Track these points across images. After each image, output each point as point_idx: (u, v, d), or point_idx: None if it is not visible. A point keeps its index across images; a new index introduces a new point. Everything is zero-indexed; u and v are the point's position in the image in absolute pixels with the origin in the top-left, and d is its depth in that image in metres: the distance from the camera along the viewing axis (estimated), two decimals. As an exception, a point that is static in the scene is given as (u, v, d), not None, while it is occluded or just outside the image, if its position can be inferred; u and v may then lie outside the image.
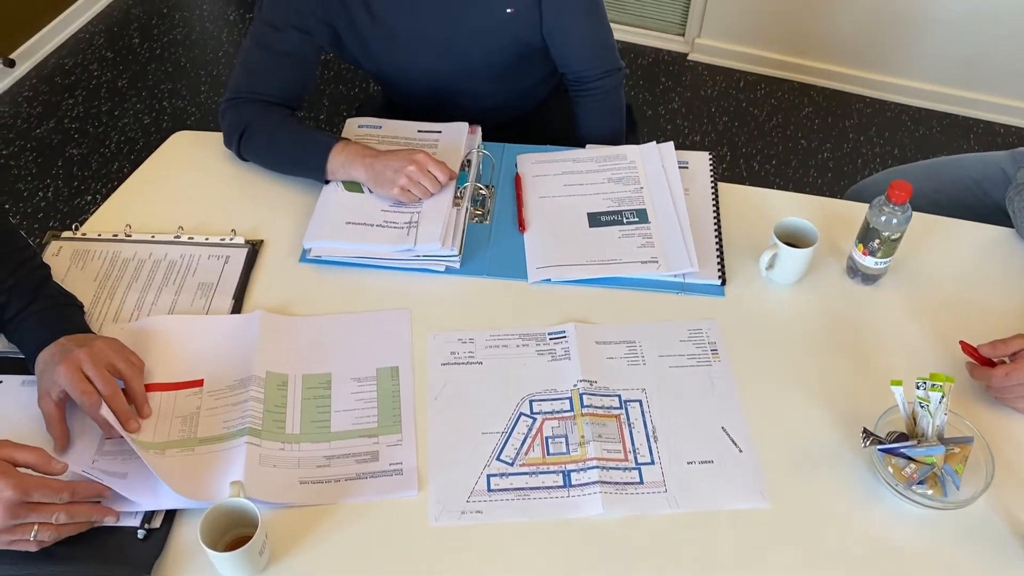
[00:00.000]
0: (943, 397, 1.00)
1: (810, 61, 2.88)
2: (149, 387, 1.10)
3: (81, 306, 1.15)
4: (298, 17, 1.37)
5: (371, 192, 1.33)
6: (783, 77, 2.93)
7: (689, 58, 3.00)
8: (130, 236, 1.29)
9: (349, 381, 1.13)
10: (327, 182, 1.35)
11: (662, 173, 1.38)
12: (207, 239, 1.30)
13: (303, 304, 1.23)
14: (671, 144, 1.42)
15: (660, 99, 2.84)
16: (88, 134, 2.66)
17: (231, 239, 1.30)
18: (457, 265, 1.27)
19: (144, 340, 1.15)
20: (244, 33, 3.06)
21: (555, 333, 1.19)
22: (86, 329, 1.12)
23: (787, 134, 2.75)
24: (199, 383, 1.11)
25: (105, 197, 2.44)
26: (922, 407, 1.01)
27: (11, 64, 2.75)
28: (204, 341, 1.16)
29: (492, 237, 1.32)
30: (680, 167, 1.39)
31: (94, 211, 2.42)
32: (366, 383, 1.13)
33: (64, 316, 1.11)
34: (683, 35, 3.01)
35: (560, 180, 1.39)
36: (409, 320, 1.20)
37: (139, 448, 0.97)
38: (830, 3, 2.72)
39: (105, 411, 1.00)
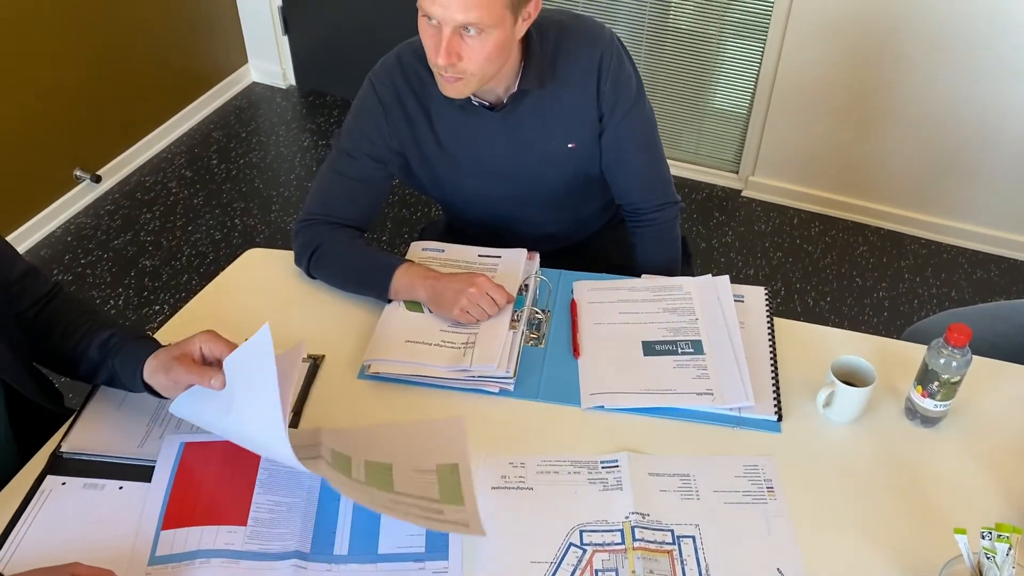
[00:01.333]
0: (1010, 549, 0.97)
1: (864, 201, 2.92)
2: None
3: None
4: (372, 147, 1.45)
5: (431, 312, 1.37)
6: (837, 216, 2.96)
7: (743, 194, 3.06)
8: (198, 346, 1.34)
9: (411, 471, 1.14)
10: (389, 301, 1.40)
11: (718, 306, 1.39)
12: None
13: (360, 419, 1.25)
14: (726, 278, 1.44)
15: (714, 233, 2.88)
16: (162, 247, 2.79)
17: (294, 353, 1.33)
18: (511, 387, 1.28)
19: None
20: (316, 159, 3.22)
21: (608, 462, 1.18)
22: None
23: (841, 272, 2.75)
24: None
25: (173, 308, 2.55)
26: (988, 559, 0.97)
27: (98, 180, 2.92)
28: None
29: (547, 361, 1.34)
30: (735, 300, 1.41)
31: (160, 320, 2.53)
32: (427, 474, 1.14)
33: (152, 341, 1.19)
34: (737, 172, 3.08)
35: (615, 308, 1.41)
36: (464, 426, 1.22)
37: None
38: (884, 146, 2.78)
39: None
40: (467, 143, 1.47)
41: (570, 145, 1.47)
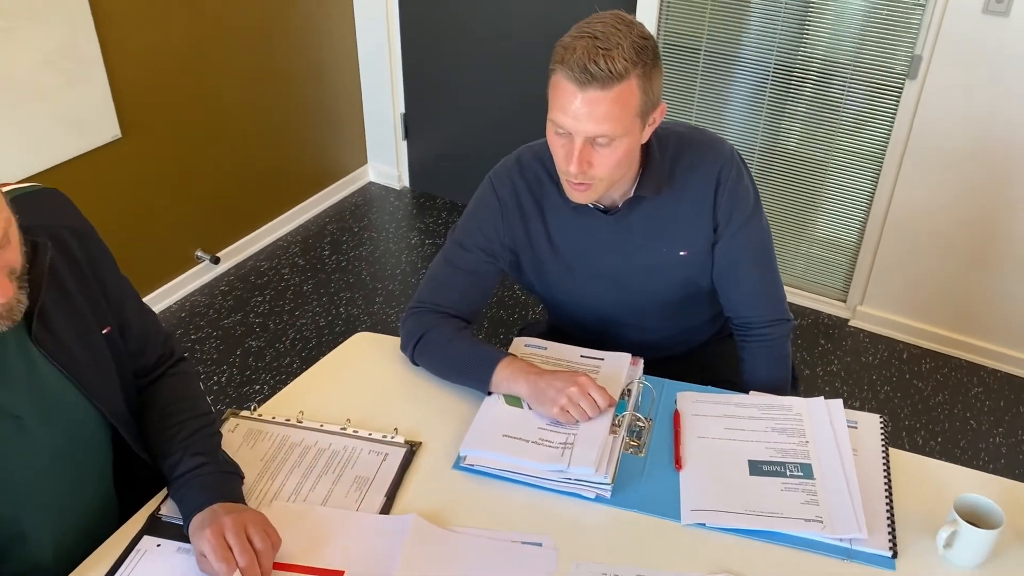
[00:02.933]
0: None
1: (981, 341, 2.79)
2: (288, 567, 1.10)
3: (242, 477, 1.21)
4: (485, 241, 1.48)
5: (530, 408, 1.35)
6: (950, 354, 2.84)
7: (850, 324, 2.97)
8: (301, 422, 1.36)
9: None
10: (489, 393, 1.39)
11: (830, 430, 1.33)
12: (370, 434, 1.34)
13: (451, 511, 1.22)
14: (839, 402, 1.38)
15: (819, 360, 2.79)
16: (268, 329, 2.89)
17: (392, 437, 1.34)
18: (608, 494, 1.24)
19: (295, 521, 1.18)
20: (422, 256, 3.31)
21: (706, 582, 1.12)
22: (241, 499, 1.17)
23: (954, 412, 2.61)
24: (340, 573, 1.10)
25: (272, 388, 2.61)
26: None
27: (216, 261, 3.08)
28: (353, 534, 1.16)
29: (646, 470, 1.29)
30: (849, 426, 1.35)
31: (259, 399, 2.59)
32: (503, 606, 1.09)
33: (224, 482, 1.17)
34: (845, 301, 3.01)
35: (721, 423, 1.37)
36: (555, 555, 1.16)
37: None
38: (1002, 285, 2.67)
39: None
40: (579, 244, 1.48)
41: (682, 253, 1.47)
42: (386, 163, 3.77)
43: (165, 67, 2.73)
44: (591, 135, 1.27)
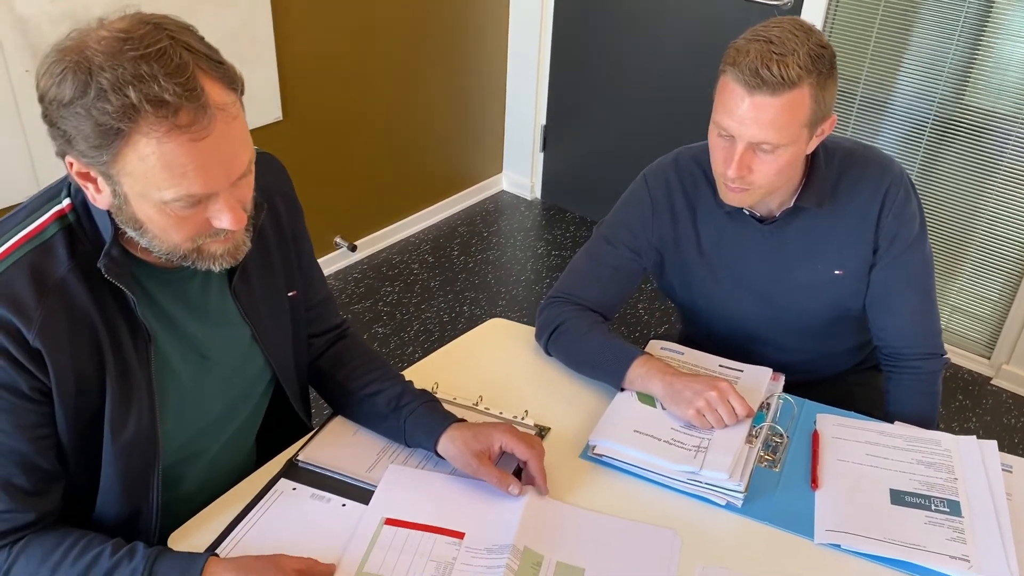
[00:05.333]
0: None
1: None
2: (412, 525, 1.13)
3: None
4: (633, 238, 1.48)
5: (664, 409, 1.33)
6: (1105, 427, 2.63)
7: (992, 382, 2.80)
8: (435, 392, 1.38)
9: (603, 586, 1.08)
10: (622, 390, 1.38)
11: (981, 470, 1.26)
12: (500, 413, 1.35)
13: (574, 498, 1.22)
14: (994, 443, 1.30)
15: (955, 416, 2.64)
16: (395, 318, 2.96)
17: (522, 418, 1.34)
18: (739, 503, 1.21)
19: (418, 484, 1.20)
20: (547, 266, 3.33)
21: (837, 604, 1.07)
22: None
23: (1106, 489, 2.40)
24: (460, 535, 1.12)
25: (395, 372, 2.66)
26: None
27: (353, 249, 3.18)
28: (474, 497, 1.18)
29: (780, 486, 1.25)
30: (1003, 470, 1.26)
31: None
32: (620, 594, 1.07)
33: (445, 411, 1.26)
34: (989, 358, 2.83)
35: (862, 449, 1.31)
36: (677, 547, 1.14)
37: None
38: None
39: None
40: (728, 251, 1.46)
41: (836, 272, 1.42)
42: (521, 173, 3.82)
43: (328, 57, 2.86)
44: (755, 141, 1.25)
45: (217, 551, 1.08)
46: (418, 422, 1.23)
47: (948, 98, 2.61)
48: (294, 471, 1.23)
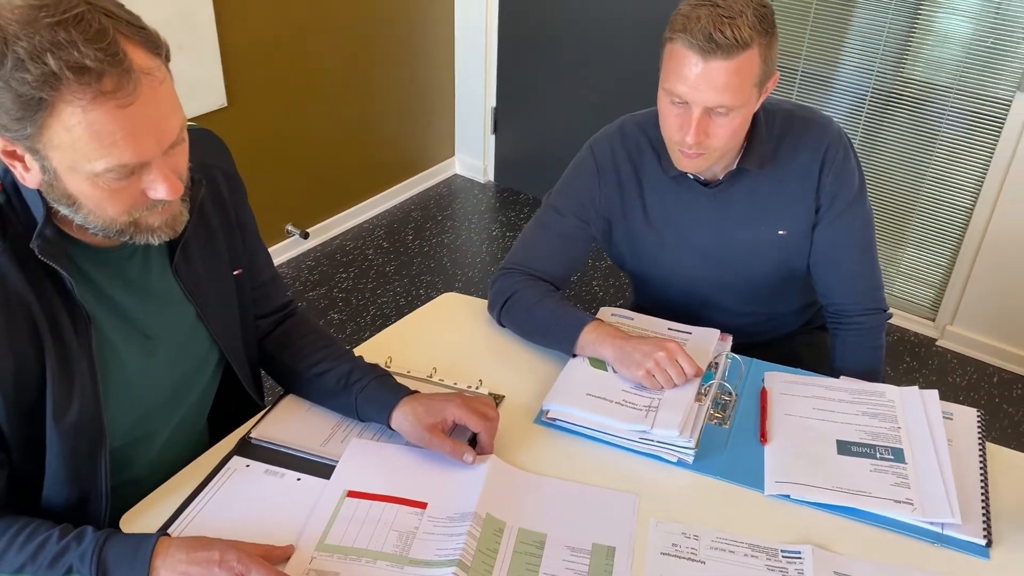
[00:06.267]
0: None
1: (1079, 371, 2.66)
2: (374, 496, 1.13)
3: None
4: (580, 207, 1.49)
5: (615, 372, 1.35)
6: (1045, 382, 2.72)
7: (938, 343, 2.88)
8: (389, 367, 1.38)
9: (563, 548, 1.09)
10: (574, 356, 1.39)
11: (924, 418, 1.29)
12: (455, 383, 1.36)
13: (531, 463, 1.23)
14: (935, 392, 1.34)
15: (903, 377, 2.71)
16: (351, 304, 2.94)
17: (476, 387, 1.35)
18: (690, 459, 1.23)
19: (378, 456, 1.20)
20: (502, 247, 3.34)
21: (790, 552, 1.10)
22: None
23: (1047, 441, 2.49)
24: (422, 505, 1.12)
25: (351, 357, 2.65)
26: None
27: (306, 236, 3.16)
28: (436, 468, 1.18)
29: (730, 442, 1.28)
30: (944, 417, 1.30)
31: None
32: (580, 554, 1.09)
33: (396, 384, 1.26)
34: (933, 320, 2.91)
35: (809, 403, 1.34)
36: (636, 508, 1.16)
37: (354, 553, 0.98)
38: (1109, 313, 2.55)
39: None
40: (674, 216, 1.48)
41: (780, 232, 1.45)
42: (473, 156, 3.82)
43: (274, 43, 2.82)
44: (711, 105, 1.26)
45: (169, 531, 1.07)
46: (370, 397, 1.23)
47: (887, 71, 2.67)
48: (247, 448, 1.22)
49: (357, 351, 1.41)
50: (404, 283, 3.08)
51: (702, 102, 1.26)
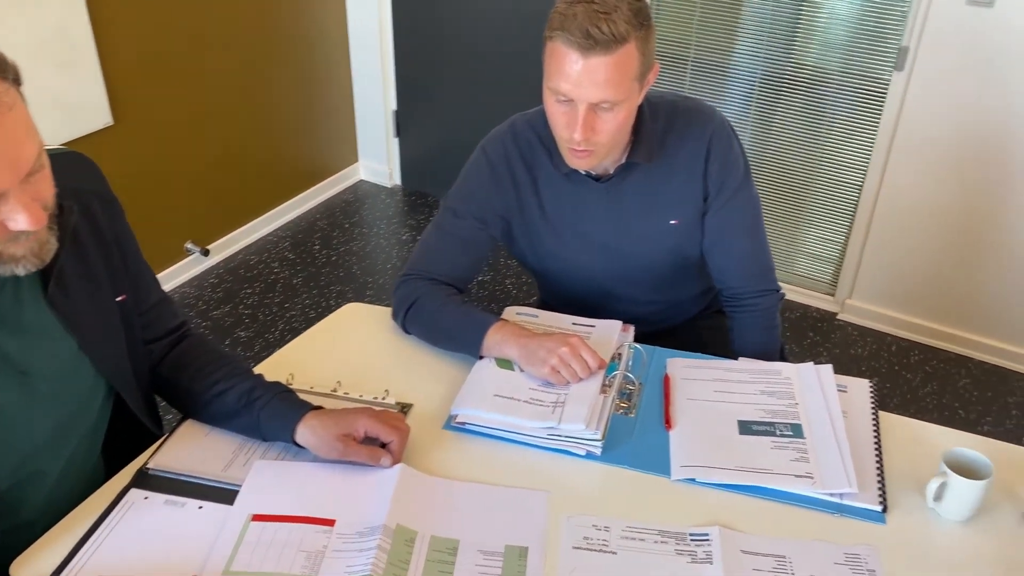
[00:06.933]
0: None
1: (968, 333, 2.80)
2: (279, 518, 1.10)
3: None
4: (477, 208, 1.49)
5: (521, 371, 1.35)
6: (938, 346, 2.85)
7: (839, 317, 2.99)
8: (291, 384, 1.35)
9: (476, 552, 1.09)
10: (481, 357, 1.39)
11: (819, 393, 1.34)
12: (361, 396, 1.34)
13: (442, 469, 1.22)
14: (829, 367, 1.39)
15: (808, 353, 2.80)
16: (258, 320, 2.88)
17: (383, 398, 1.34)
18: (598, 451, 1.24)
19: (283, 475, 1.17)
20: (412, 252, 3.31)
21: (697, 535, 1.12)
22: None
23: (943, 403, 2.62)
24: (330, 522, 1.10)
25: (261, 375, 2.59)
26: None
27: (206, 253, 3.07)
28: (342, 483, 1.16)
29: (636, 430, 1.29)
30: (838, 390, 1.35)
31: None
32: (493, 557, 1.09)
33: (300, 400, 1.23)
34: (833, 295, 3.02)
35: (711, 386, 1.37)
36: (546, 504, 1.17)
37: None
38: (990, 276, 2.69)
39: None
40: (570, 212, 1.49)
41: (672, 222, 1.47)
42: (377, 161, 3.78)
43: (160, 56, 2.73)
44: (595, 101, 1.27)
45: (63, 575, 1.02)
46: (273, 414, 1.20)
47: (774, 56, 2.75)
48: (145, 480, 1.17)
49: (257, 369, 1.38)
50: (313, 295, 3.03)
51: (586, 98, 1.27)
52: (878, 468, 1.22)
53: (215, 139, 3.05)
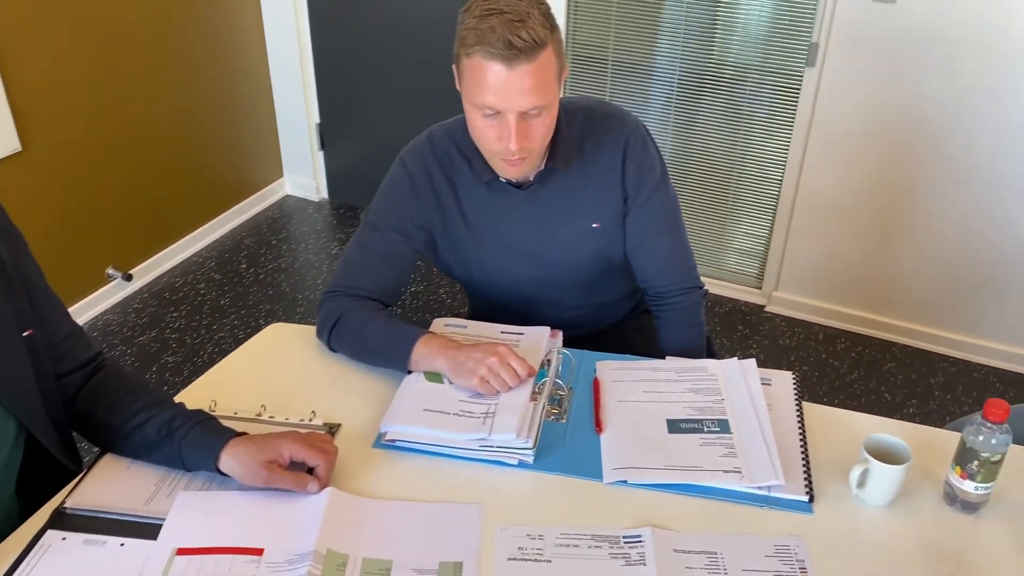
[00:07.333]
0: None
1: (890, 319, 2.89)
2: (207, 550, 1.07)
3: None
4: (399, 221, 1.47)
5: (451, 383, 1.34)
6: (863, 333, 2.93)
7: (766, 310, 3.05)
8: (213, 411, 1.32)
9: (410, 571, 1.08)
10: (410, 372, 1.38)
11: (744, 387, 1.36)
12: (287, 419, 1.31)
13: (373, 489, 1.20)
14: (753, 361, 1.41)
15: (738, 345, 2.86)
16: (185, 344, 2.80)
17: (310, 420, 1.31)
18: (531, 459, 1.24)
19: (209, 507, 1.14)
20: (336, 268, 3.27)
21: (630, 537, 1.13)
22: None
23: (869, 387, 2.70)
24: (259, 552, 1.07)
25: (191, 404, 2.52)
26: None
27: (129, 278, 2.98)
28: (270, 511, 1.13)
29: (568, 436, 1.30)
30: (763, 383, 1.37)
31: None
32: (427, 575, 1.07)
33: (222, 427, 1.20)
34: (760, 288, 3.08)
35: (639, 387, 1.38)
36: (480, 517, 1.16)
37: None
38: (909, 262, 2.78)
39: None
40: (493, 221, 1.49)
41: (594, 225, 1.48)
42: (303, 175, 3.73)
43: (70, 79, 2.65)
44: (524, 109, 1.27)
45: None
46: (195, 443, 1.17)
47: (692, 55, 2.80)
48: (62, 520, 1.13)
49: (178, 397, 1.34)
50: (242, 315, 2.97)
51: (515, 108, 1.27)
52: (804, 459, 1.25)
53: (132, 161, 2.97)
